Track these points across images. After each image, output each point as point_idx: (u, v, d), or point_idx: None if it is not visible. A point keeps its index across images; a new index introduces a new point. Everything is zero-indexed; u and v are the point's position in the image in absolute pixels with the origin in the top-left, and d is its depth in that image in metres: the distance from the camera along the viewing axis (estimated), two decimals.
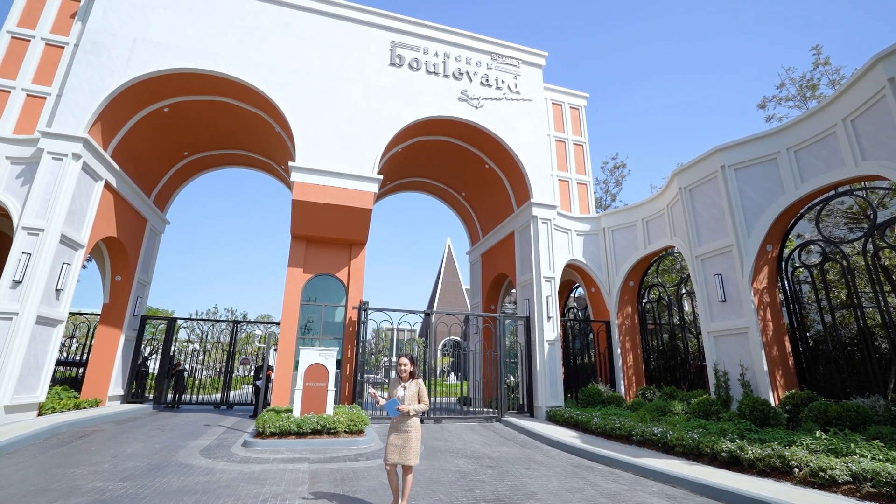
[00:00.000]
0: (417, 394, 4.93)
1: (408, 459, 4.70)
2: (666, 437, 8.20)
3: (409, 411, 4.78)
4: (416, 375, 5.10)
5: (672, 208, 13.05)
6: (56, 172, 10.65)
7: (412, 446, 4.74)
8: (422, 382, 5.05)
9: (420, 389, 4.96)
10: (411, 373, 5.05)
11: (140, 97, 12.40)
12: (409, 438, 4.76)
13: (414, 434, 4.79)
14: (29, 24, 12.21)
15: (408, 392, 4.92)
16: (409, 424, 4.81)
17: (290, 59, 13.21)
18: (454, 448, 9.01)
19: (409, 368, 5.03)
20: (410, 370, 5.04)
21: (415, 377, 5.07)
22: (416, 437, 4.79)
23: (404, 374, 5.02)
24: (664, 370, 14.54)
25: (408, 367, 5.02)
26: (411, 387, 4.96)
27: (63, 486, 5.62)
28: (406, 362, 5.04)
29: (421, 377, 5.15)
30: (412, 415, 4.84)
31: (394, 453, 4.73)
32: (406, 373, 5.02)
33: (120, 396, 14.10)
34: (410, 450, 4.73)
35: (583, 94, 17.93)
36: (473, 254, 19.94)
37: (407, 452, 4.72)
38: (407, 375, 5.03)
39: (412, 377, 5.05)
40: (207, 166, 16.98)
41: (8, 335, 9.54)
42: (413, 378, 5.05)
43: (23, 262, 9.97)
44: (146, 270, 15.50)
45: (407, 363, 5.03)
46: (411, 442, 4.75)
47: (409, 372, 5.03)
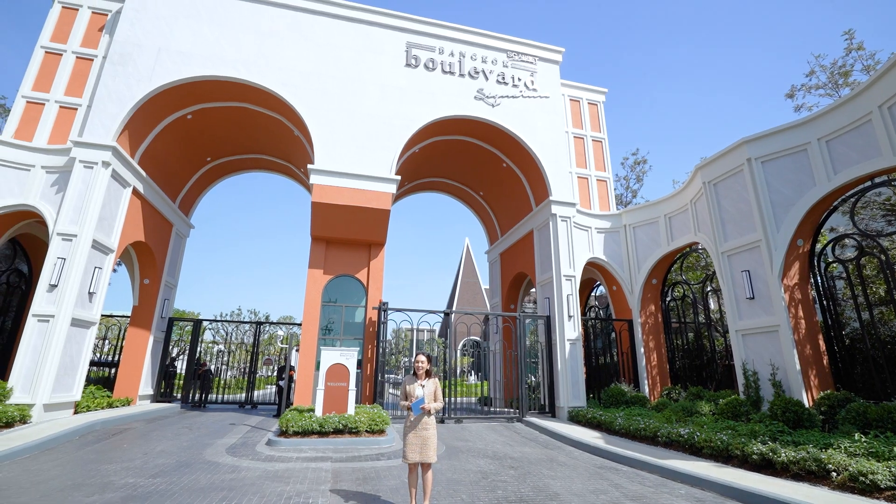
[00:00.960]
0: (434, 392, 4.95)
1: (428, 457, 4.74)
2: (693, 439, 7.98)
3: (431, 410, 4.82)
4: (432, 374, 5.12)
5: (696, 203, 12.71)
6: (87, 180, 11.05)
7: (431, 444, 4.78)
8: (437, 381, 5.07)
9: (437, 388, 4.99)
10: (427, 371, 5.07)
11: (165, 105, 12.76)
12: (427, 437, 4.79)
13: (432, 432, 4.83)
14: (61, 38, 12.71)
15: (426, 390, 4.94)
16: (427, 423, 4.84)
17: (307, 63, 13.39)
18: (475, 448, 8.97)
19: (426, 366, 5.05)
20: (427, 368, 5.06)
21: (431, 375, 5.09)
22: (433, 436, 4.83)
23: (421, 371, 5.05)
24: (690, 370, 14.17)
25: (425, 365, 5.05)
26: (429, 385, 4.97)
27: (97, 482, 5.82)
28: (423, 360, 5.06)
29: (436, 375, 5.15)
30: (431, 414, 4.87)
31: (414, 452, 4.75)
32: (423, 371, 5.05)
33: (150, 396, 14.54)
34: (430, 447, 4.76)
35: (601, 89, 17.64)
36: (492, 253, 19.84)
37: (427, 451, 4.75)
38: (423, 373, 5.05)
39: (428, 375, 5.07)
40: (229, 171, 17.37)
41: (46, 336, 9.95)
42: (429, 376, 5.07)
43: (58, 266, 10.38)
44: (172, 273, 15.93)
45: (424, 361, 5.05)
46: (430, 440, 4.78)
47: (425, 370, 5.05)
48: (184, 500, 5.23)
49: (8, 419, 8.53)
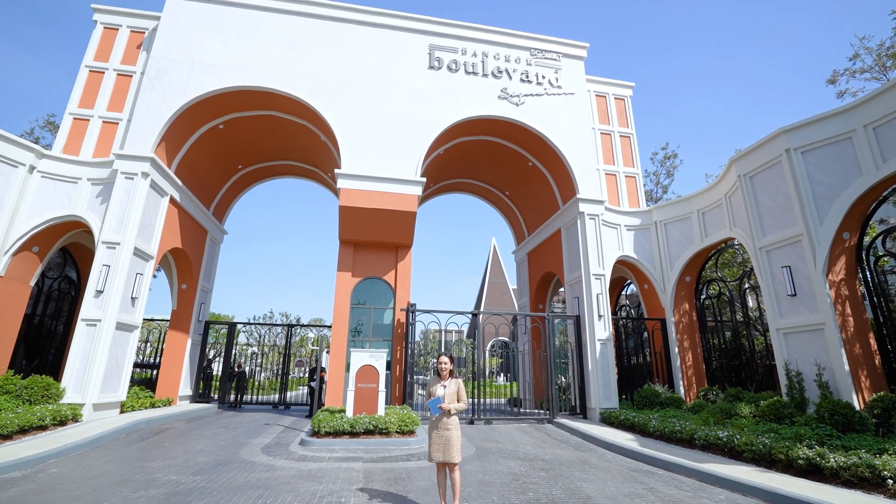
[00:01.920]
0: (457, 392, 4.96)
1: (451, 457, 4.75)
2: (733, 442, 7.67)
3: (451, 410, 4.84)
4: (455, 374, 5.14)
5: (731, 198, 12.24)
6: (128, 190, 11.60)
7: (454, 444, 4.78)
8: (461, 381, 5.07)
9: (459, 388, 5.00)
10: (451, 371, 5.10)
11: (198, 116, 13.26)
12: (449, 437, 4.80)
13: (454, 432, 4.83)
14: (103, 57, 13.41)
15: (448, 391, 4.96)
16: (449, 423, 4.86)
17: (333, 69, 13.65)
18: (505, 449, 8.90)
19: (449, 367, 5.09)
20: (450, 368, 5.10)
21: (454, 376, 5.11)
22: (456, 436, 4.83)
23: (444, 372, 5.08)
24: (727, 370, 13.65)
25: (448, 366, 5.08)
26: (451, 385, 5.00)
27: (142, 478, 6.09)
28: (446, 361, 5.09)
29: (459, 376, 5.16)
30: (452, 413, 4.88)
31: (437, 452, 4.79)
32: (446, 371, 5.08)
33: (189, 396, 15.11)
34: (452, 448, 4.77)
35: (628, 83, 17.23)
36: (519, 253, 19.68)
37: (450, 450, 4.77)
38: (447, 374, 5.08)
39: (451, 376, 5.10)
40: (260, 177, 17.89)
41: (93, 340, 10.51)
42: (453, 377, 5.09)
43: (103, 273, 10.94)
44: (208, 278, 16.53)
45: (447, 362, 5.09)
46: (452, 440, 4.79)
47: (449, 370, 5.09)
48: (222, 497, 5.41)
49: (62, 418, 9.05)
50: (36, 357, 13.09)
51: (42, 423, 8.44)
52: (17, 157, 11.19)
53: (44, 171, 11.67)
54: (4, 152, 10.97)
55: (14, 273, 11.22)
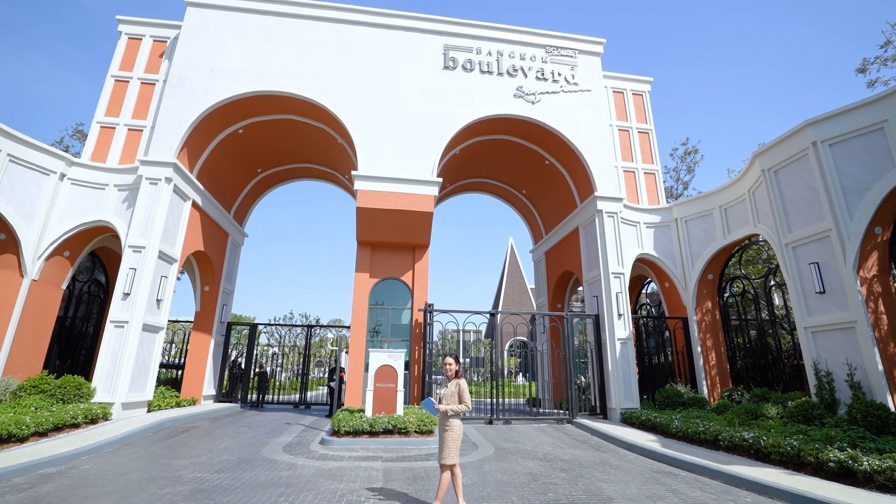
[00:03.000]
0: (458, 393, 4.93)
1: (442, 458, 4.74)
2: (759, 443, 7.47)
3: (447, 411, 4.82)
4: (460, 375, 5.11)
5: (754, 193, 11.92)
6: (153, 195, 11.94)
7: (448, 445, 4.75)
8: (462, 382, 5.02)
9: (461, 389, 4.95)
10: (456, 371, 5.08)
11: (218, 122, 13.56)
12: (445, 438, 4.79)
13: (451, 434, 4.79)
14: (127, 67, 13.83)
15: (447, 391, 4.96)
16: (447, 424, 4.84)
17: (348, 72, 13.78)
18: (525, 450, 8.85)
19: (454, 368, 5.06)
20: (456, 369, 5.07)
21: (459, 377, 5.08)
22: (452, 438, 4.78)
23: (450, 373, 5.07)
24: (753, 370, 13.29)
25: (453, 367, 5.06)
26: (451, 386, 4.99)
27: (169, 476, 6.26)
28: (451, 361, 5.06)
29: (478, 375, 5.14)
30: (449, 415, 4.85)
31: (438, 452, 4.83)
32: (451, 372, 5.06)
33: (212, 396, 15.46)
34: (445, 448, 4.75)
35: (646, 78, 16.94)
36: (537, 252, 19.54)
37: (442, 451, 4.77)
38: (452, 374, 5.06)
39: (457, 376, 5.07)
40: (279, 181, 18.19)
41: (121, 341, 10.85)
42: (458, 377, 5.06)
43: (130, 276, 11.28)
44: (230, 280, 16.88)
45: (451, 362, 5.06)
46: (447, 441, 4.77)
47: (454, 371, 5.06)
48: (246, 495, 5.52)
49: (93, 416, 9.37)
50: (68, 357, 13.58)
51: (75, 421, 8.76)
52: (48, 165, 11.63)
53: (73, 179, 12.10)
54: (37, 161, 11.41)
55: (47, 277, 11.66)
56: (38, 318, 11.44)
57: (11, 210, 10.86)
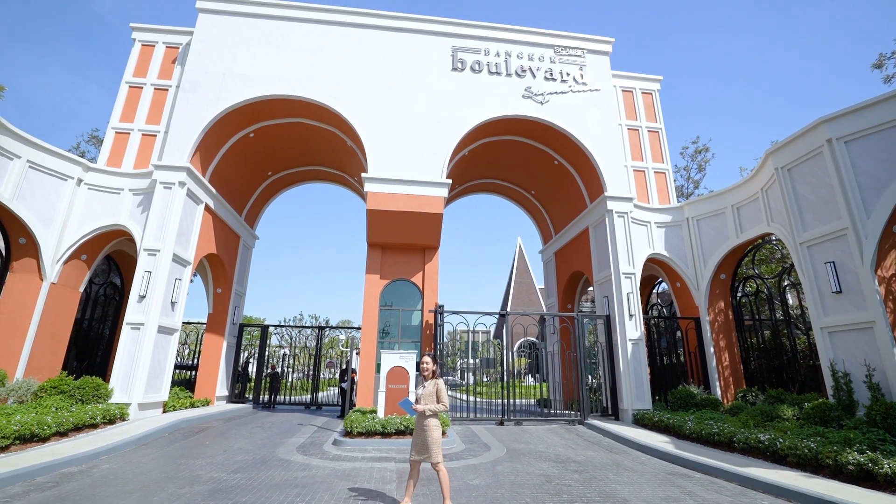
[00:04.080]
0: (435, 393, 5.05)
1: (429, 457, 4.84)
2: (775, 445, 7.39)
3: (425, 411, 4.93)
4: (437, 375, 5.24)
5: (767, 191, 11.78)
6: (167, 199, 12.12)
7: (431, 445, 4.86)
8: (440, 382, 5.15)
9: (438, 389, 5.07)
10: (433, 372, 5.20)
11: (230, 126, 13.73)
12: (426, 437, 4.89)
13: (431, 433, 4.90)
14: (141, 73, 14.05)
15: (425, 391, 5.07)
16: (426, 423, 4.95)
17: (357, 75, 13.88)
18: (536, 451, 8.84)
19: (431, 368, 5.19)
20: (433, 369, 5.20)
21: (436, 376, 5.21)
22: (434, 438, 4.90)
23: (427, 373, 5.18)
24: (767, 371, 13.13)
25: (430, 367, 5.18)
26: (429, 386, 5.10)
27: (187, 475, 6.36)
28: (428, 361, 5.20)
29: (441, 377, 5.32)
30: (427, 414, 4.95)
31: (414, 450, 4.93)
32: (428, 372, 5.18)
33: (225, 396, 15.64)
34: (431, 447, 4.85)
35: (655, 77, 16.82)
36: (546, 252, 19.49)
37: (428, 450, 4.86)
38: (429, 374, 5.18)
39: (434, 377, 5.19)
40: (289, 183, 18.35)
41: (138, 342, 11.03)
42: (434, 377, 5.19)
43: (145, 279, 11.47)
44: (241, 282, 17.06)
45: (429, 362, 5.20)
46: (429, 441, 4.87)
47: (431, 371, 5.18)
48: (263, 495, 5.59)
49: (111, 416, 9.54)
50: (85, 359, 13.82)
51: (94, 421, 8.92)
52: (66, 170, 11.86)
53: (90, 184, 12.33)
54: (55, 167, 11.65)
55: (65, 280, 11.89)
56: (57, 321, 11.68)
57: (31, 215, 11.10)
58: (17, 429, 7.10)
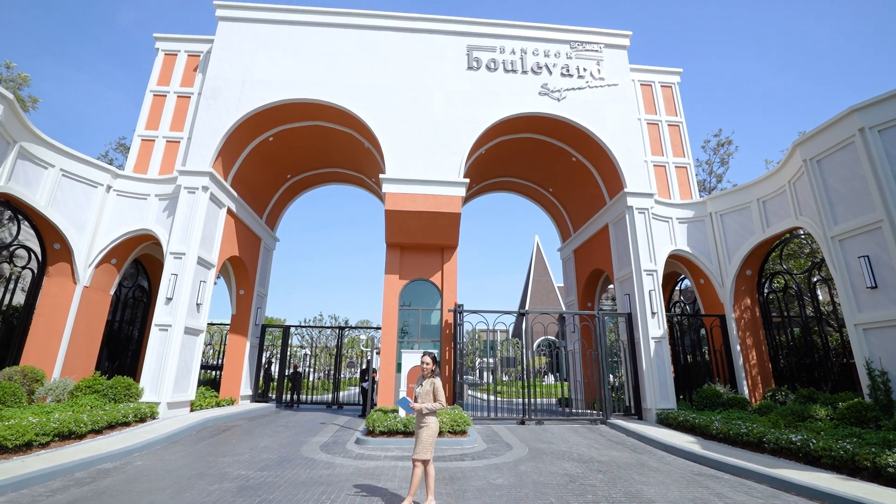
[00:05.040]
0: (433, 392, 5.09)
1: (415, 453, 4.90)
2: (808, 447, 7.16)
3: (422, 409, 4.98)
4: (436, 374, 5.28)
5: (795, 184, 11.42)
6: (191, 203, 12.42)
7: (422, 441, 4.91)
8: (437, 381, 5.19)
9: (435, 388, 5.11)
10: (432, 371, 5.25)
11: (250, 131, 13.99)
12: (420, 435, 4.95)
13: (426, 431, 4.96)
14: (164, 81, 14.44)
15: (422, 390, 5.12)
16: (423, 422, 5.01)
17: (374, 77, 13.98)
18: (559, 450, 8.77)
19: (430, 367, 5.24)
20: (432, 368, 5.24)
21: (435, 376, 5.25)
22: (428, 434, 4.95)
23: (426, 371, 5.23)
24: (797, 369, 12.74)
25: (429, 366, 5.23)
26: (426, 385, 5.15)
27: (216, 472, 6.52)
28: (428, 361, 5.25)
29: (439, 377, 5.32)
30: (424, 412, 5.00)
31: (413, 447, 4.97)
32: (428, 371, 5.23)
33: (249, 396, 15.95)
34: (419, 444, 4.91)
35: (675, 69, 16.47)
36: (565, 250, 19.30)
37: (416, 446, 4.93)
38: (428, 373, 5.23)
39: (432, 375, 5.24)
40: (308, 185, 18.61)
41: (165, 343, 11.34)
42: (434, 376, 5.24)
43: (171, 281, 11.78)
44: (263, 284, 17.38)
45: (429, 362, 5.25)
46: (422, 438, 4.92)
47: (430, 370, 5.23)
48: (289, 492, 5.68)
49: (142, 415, 9.85)
50: (116, 359, 14.29)
51: (126, 419, 9.22)
52: (96, 178, 12.28)
53: (118, 190, 12.73)
54: (86, 175, 12.07)
55: (97, 283, 12.31)
56: (90, 323, 12.10)
57: (65, 221, 11.53)
58: (56, 426, 7.40)
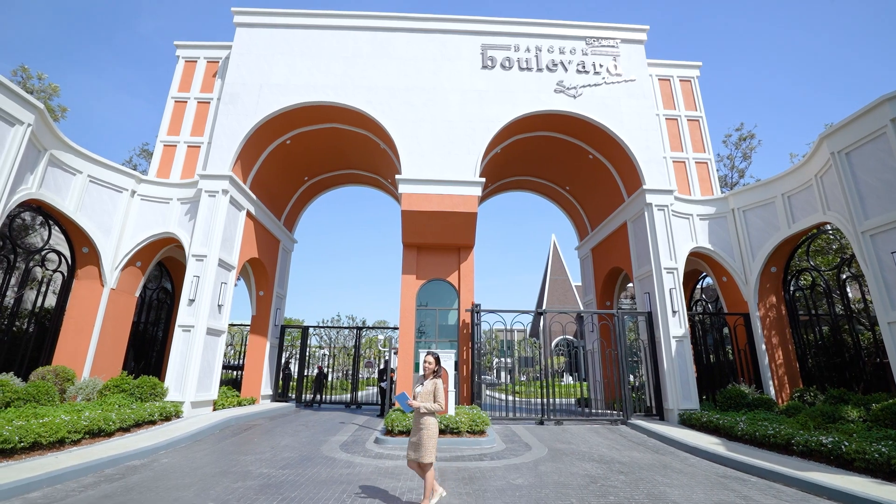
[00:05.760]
0: (433, 392, 4.98)
1: (421, 457, 4.78)
2: (840, 449, 6.93)
3: (421, 408, 4.88)
4: (438, 374, 5.18)
5: (822, 178, 11.07)
6: (211, 207, 12.68)
7: (425, 444, 4.79)
8: (439, 382, 5.10)
9: (436, 388, 5.01)
10: (434, 371, 5.14)
11: (268, 134, 14.21)
12: (422, 436, 4.83)
13: (426, 432, 4.84)
14: (185, 88, 14.77)
15: (424, 389, 5.01)
16: (422, 422, 4.89)
17: (389, 78, 14.05)
18: (579, 451, 8.68)
19: (432, 367, 5.15)
20: (434, 368, 5.15)
21: (437, 376, 5.16)
22: (429, 436, 4.83)
23: (428, 371, 5.14)
24: (826, 369, 12.34)
25: (431, 366, 5.14)
26: (427, 385, 5.05)
27: (239, 470, 6.63)
28: (430, 360, 5.16)
29: (440, 377, 5.23)
30: (422, 412, 4.90)
31: (410, 450, 4.88)
32: (430, 371, 5.13)
33: (270, 395, 16.20)
34: (423, 447, 4.79)
35: (694, 63, 16.13)
36: (583, 249, 19.09)
37: (420, 450, 4.80)
38: (430, 373, 5.13)
39: (434, 375, 5.14)
40: (325, 187, 18.82)
41: (189, 344, 11.60)
42: (436, 376, 5.14)
43: (194, 283, 12.04)
44: (282, 285, 17.63)
45: (431, 362, 5.16)
46: (424, 440, 4.80)
47: (431, 370, 5.13)
48: (311, 491, 5.75)
49: (167, 414, 10.09)
50: (142, 359, 14.68)
51: (152, 418, 9.46)
52: (122, 183, 12.63)
53: (142, 194, 13.08)
54: (112, 180, 12.43)
55: (123, 286, 12.66)
56: (117, 324, 12.45)
57: (93, 225, 11.90)
58: (87, 424, 7.64)
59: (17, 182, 9.75)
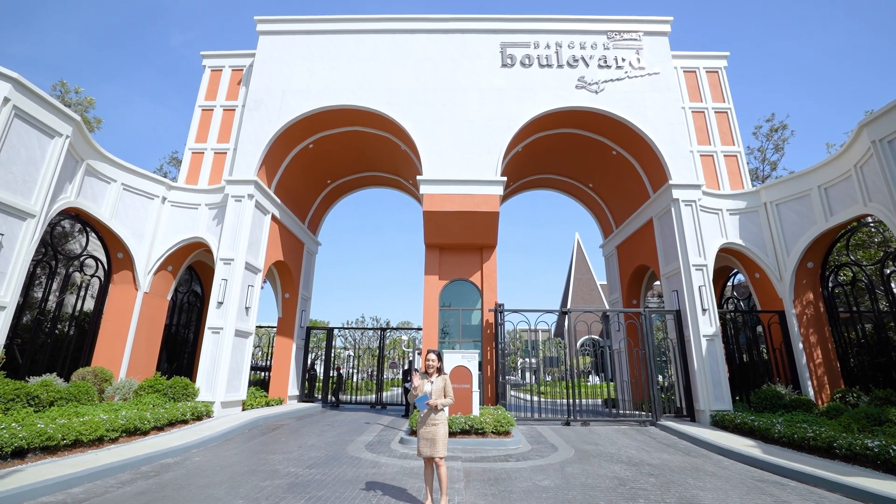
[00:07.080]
0: (444, 388, 5.13)
1: (437, 452, 4.89)
2: (888, 453, 6.56)
3: (438, 405, 4.99)
4: (442, 371, 5.31)
5: (862, 168, 10.54)
6: (237, 211, 13.00)
7: (440, 439, 4.92)
8: (447, 378, 5.26)
9: (446, 384, 5.18)
10: (438, 368, 5.28)
11: (291, 139, 14.48)
12: (436, 431, 4.95)
13: (441, 427, 4.97)
14: (211, 96, 15.21)
15: (435, 387, 5.14)
16: (436, 418, 5.01)
17: (408, 79, 14.12)
18: (607, 452, 8.49)
19: (436, 364, 5.29)
20: (438, 366, 5.29)
21: (441, 372, 5.28)
22: (442, 432, 4.95)
23: (432, 369, 5.26)
24: (871, 369, 11.73)
25: (435, 363, 5.29)
26: (438, 382, 5.18)
27: (267, 469, 6.76)
28: (434, 358, 5.30)
29: (447, 373, 5.34)
30: (439, 408, 5.02)
31: (425, 447, 4.95)
32: (434, 368, 5.26)
33: (296, 396, 16.49)
34: (439, 442, 4.92)
35: (721, 53, 15.62)
36: (608, 247, 18.74)
37: (436, 446, 4.91)
38: (434, 371, 5.26)
39: (439, 372, 5.27)
40: (347, 190, 19.06)
41: (218, 346, 11.92)
42: (440, 373, 5.26)
43: (222, 286, 12.36)
44: (307, 287, 17.93)
45: (434, 359, 5.30)
46: (438, 436, 4.94)
47: (436, 367, 5.27)
48: (337, 490, 5.81)
49: (199, 413, 10.39)
50: (174, 361, 15.17)
51: (184, 417, 9.76)
52: (153, 190, 13.10)
53: (172, 201, 13.53)
54: (144, 187, 12.90)
55: (156, 289, 13.12)
56: (151, 326, 12.91)
57: (127, 231, 12.37)
58: (124, 423, 7.94)
59: (58, 191, 10.22)
